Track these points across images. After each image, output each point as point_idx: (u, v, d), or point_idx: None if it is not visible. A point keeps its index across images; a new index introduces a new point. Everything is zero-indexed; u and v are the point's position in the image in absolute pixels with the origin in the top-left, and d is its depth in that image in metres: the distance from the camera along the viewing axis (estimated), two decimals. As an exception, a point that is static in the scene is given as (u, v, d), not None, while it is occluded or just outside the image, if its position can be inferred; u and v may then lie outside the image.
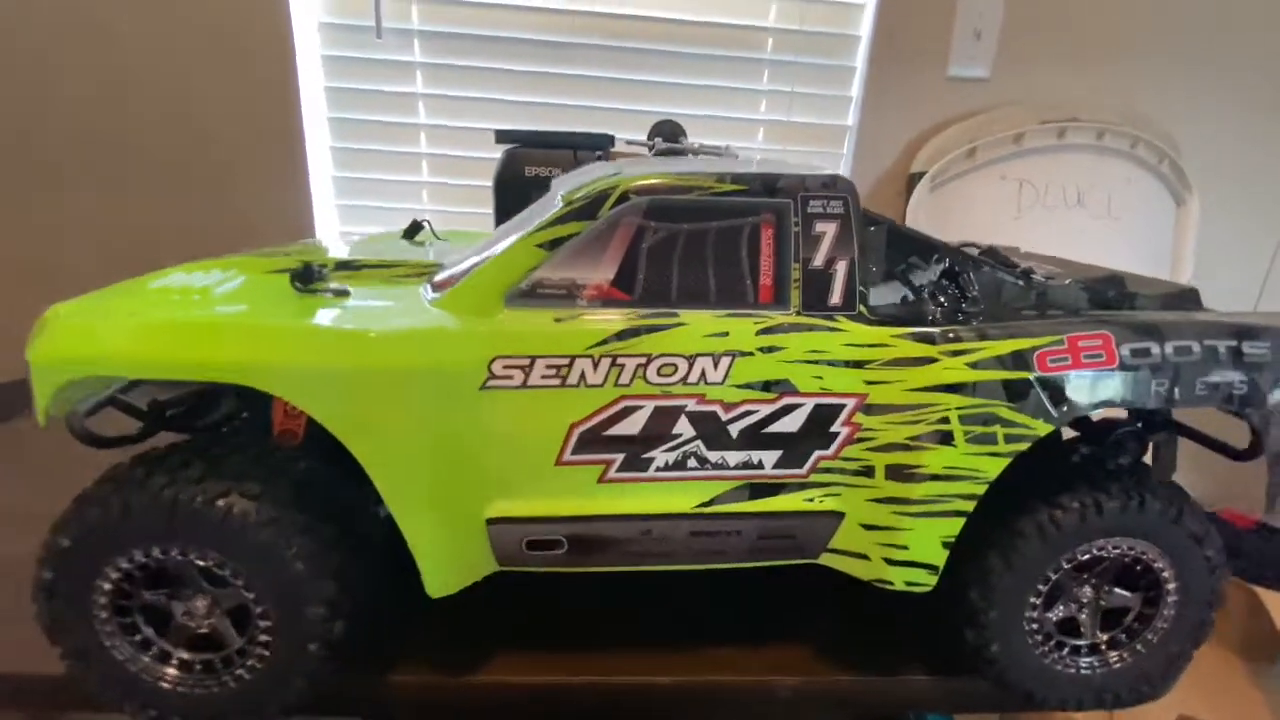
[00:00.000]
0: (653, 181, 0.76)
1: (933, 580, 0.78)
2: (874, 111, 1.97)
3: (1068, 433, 0.93)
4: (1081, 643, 0.84)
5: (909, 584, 0.79)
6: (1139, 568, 0.81)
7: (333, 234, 1.90)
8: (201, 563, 0.71)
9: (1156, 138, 2.01)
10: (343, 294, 0.82)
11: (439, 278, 0.83)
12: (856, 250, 0.77)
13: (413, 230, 1.25)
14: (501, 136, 1.36)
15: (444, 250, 1.08)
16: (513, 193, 1.31)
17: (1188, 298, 0.95)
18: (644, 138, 1.33)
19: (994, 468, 0.74)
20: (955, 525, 0.76)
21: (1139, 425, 0.91)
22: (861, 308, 0.78)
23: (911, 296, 0.87)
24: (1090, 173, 2.02)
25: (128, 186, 1.83)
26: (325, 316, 0.73)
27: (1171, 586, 0.81)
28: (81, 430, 0.76)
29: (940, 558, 0.77)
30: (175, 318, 0.71)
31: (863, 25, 1.92)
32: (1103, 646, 0.85)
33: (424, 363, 0.70)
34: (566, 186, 0.82)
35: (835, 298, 0.77)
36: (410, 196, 1.90)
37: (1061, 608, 0.83)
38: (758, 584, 1.01)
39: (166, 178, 1.83)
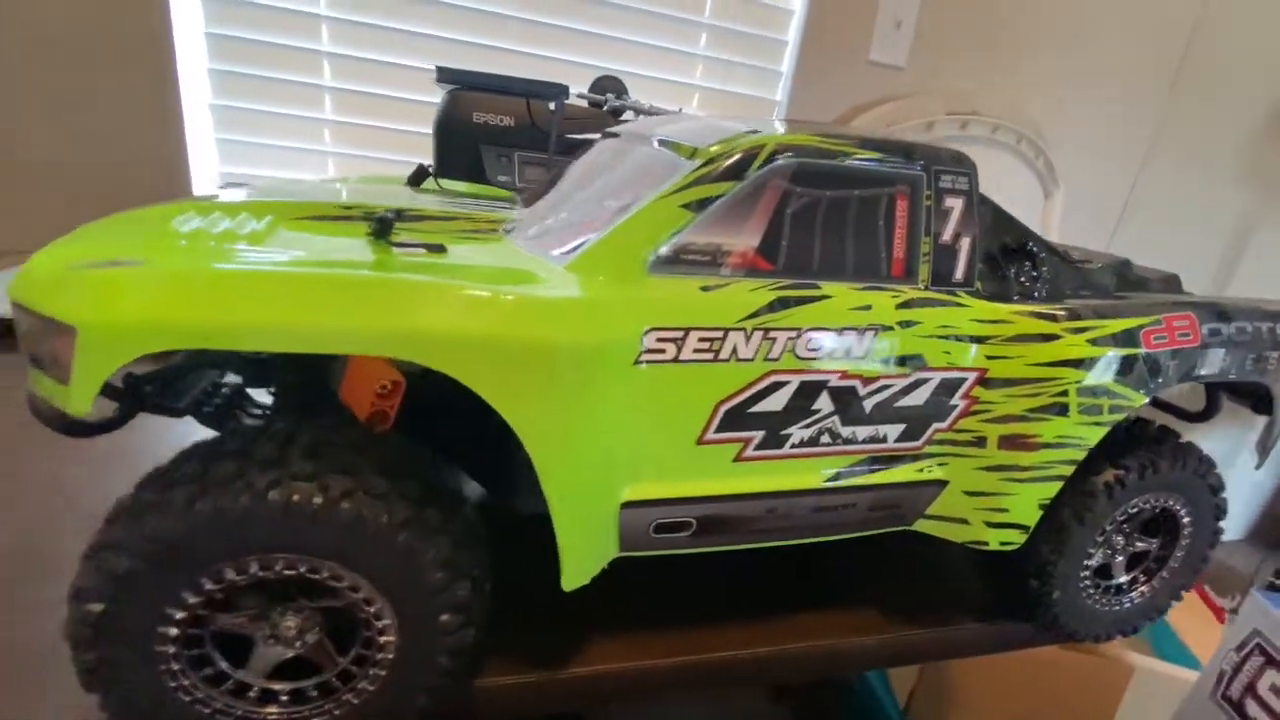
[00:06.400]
0: (801, 141, 0.72)
1: (1022, 539, 0.84)
2: (802, 88, 2.00)
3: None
4: (1113, 583, 0.96)
5: (1003, 544, 0.84)
6: (1165, 517, 0.93)
7: (214, 173, 1.60)
8: (314, 576, 0.58)
9: (1035, 134, 2.22)
10: (438, 250, 0.69)
11: (547, 239, 0.74)
12: (977, 227, 0.79)
13: (418, 177, 1.10)
14: (444, 75, 1.19)
15: (458, 201, 0.95)
16: (458, 138, 1.18)
17: (1173, 281, 1.08)
18: (582, 91, 1.28)
19: (1096, 436, 0.80)
20: (1054, 488, 0.82)
21: None
22: (978, 284, 0.80)
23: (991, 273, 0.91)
24: (983, 165, 2.22)
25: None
26: (468, 279, 0.61)
27: (1188, 531, 0.94)
28: (52, 414, 0.60)
29: (1034, 518, 0.83)
30: (301, 274, 0.55)
31: (795, 0, 1.92)
32: (1126, 586, 0.97)
33: (585, 335, 0.62)
34: (674, 136, 0.76)
35: (959, 274, 0.79)
36: (309, 135, 1.64)
37: (1101, 555, 0.94)
38: (800, 554, 1.03)
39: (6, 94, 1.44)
